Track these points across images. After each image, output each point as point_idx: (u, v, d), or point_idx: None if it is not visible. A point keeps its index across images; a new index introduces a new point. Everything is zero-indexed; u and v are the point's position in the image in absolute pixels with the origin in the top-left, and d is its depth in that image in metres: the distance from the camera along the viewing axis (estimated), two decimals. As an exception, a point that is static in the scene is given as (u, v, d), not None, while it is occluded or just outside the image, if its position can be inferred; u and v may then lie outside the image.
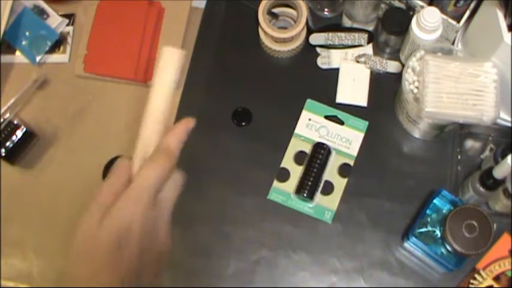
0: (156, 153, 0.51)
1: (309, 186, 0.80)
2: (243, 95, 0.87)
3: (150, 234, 0.50)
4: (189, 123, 0.54)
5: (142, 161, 0.52)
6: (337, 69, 0.87)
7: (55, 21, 0.92)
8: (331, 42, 0.87)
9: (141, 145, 0.53)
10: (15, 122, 0.83)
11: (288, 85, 0.88)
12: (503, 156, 0.73)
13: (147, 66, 0.87)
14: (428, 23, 0.76)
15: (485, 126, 0.78)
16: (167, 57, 0.56)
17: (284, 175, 0.83)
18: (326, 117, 0.85)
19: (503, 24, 0.71)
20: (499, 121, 0.81)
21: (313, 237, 0.81)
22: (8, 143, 0.82)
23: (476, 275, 0.76)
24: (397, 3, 0.84)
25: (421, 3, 0.81)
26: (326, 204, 0.81)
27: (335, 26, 0.89)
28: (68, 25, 0.92)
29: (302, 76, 0.88)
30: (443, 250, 0.73)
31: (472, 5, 0.79)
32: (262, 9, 0.85)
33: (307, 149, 0.84)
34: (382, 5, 0.86)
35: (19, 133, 0.83)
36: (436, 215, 0.75)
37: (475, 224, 0.70)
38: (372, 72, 0.87)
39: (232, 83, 0.88)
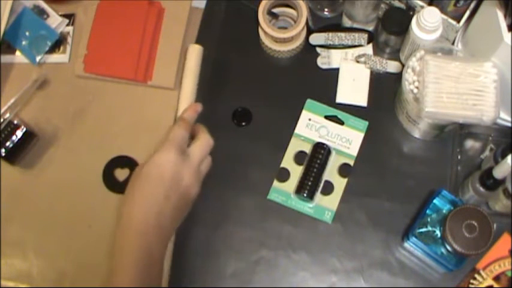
0: (178, 120, 0.75)
1: (309, 186, 0.80)
2: (243, 95, 0.87)
3: (178, 175, 0.68)
4: (197, 106, 0.78)
5: None
6: (337, 69, 0.87)
7: (55, 21, 0.92)
8: (331, 42, 0.87)
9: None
10: (15, 122, 0.83)
11: (288, 85, 0.87)
12: (503, 156, 0.73)
13: (147, 66, 0.87)
14: (428, 23, 0.76)
15: (485, 126, 0.78)
16: (193, 52, 0.82)
17: (284, 175, 0.83)
18: (326, 117, 0.85)
19: (503, 24, 0.71)
20: (499, 121, 0.81)
21: (313, 237, 0.81)
22: (8, 143, 0.82)
23: (476, 275, 0.76)
24: (397, 3, 0.84)
25: (421, 3, 0.81)
26: (326, 204, 0.81)
27: (335, 26, 0.89)
28: (68, 25, 0.92)
29: (302, 76, 0.88)
30: (443, 250, 0.73)
31: (472, 5, 0.79)
32: (262, 9, 0.85)
33: (307, 149, 0.84)
34: (382, 5, 0.86)
35: (19, 133, 0.83)
36: (436, 215, 0.75)
37: (475, 224, 0.70)
38: (372, 72, 0.87)
39: (232, 83, 0.88)
